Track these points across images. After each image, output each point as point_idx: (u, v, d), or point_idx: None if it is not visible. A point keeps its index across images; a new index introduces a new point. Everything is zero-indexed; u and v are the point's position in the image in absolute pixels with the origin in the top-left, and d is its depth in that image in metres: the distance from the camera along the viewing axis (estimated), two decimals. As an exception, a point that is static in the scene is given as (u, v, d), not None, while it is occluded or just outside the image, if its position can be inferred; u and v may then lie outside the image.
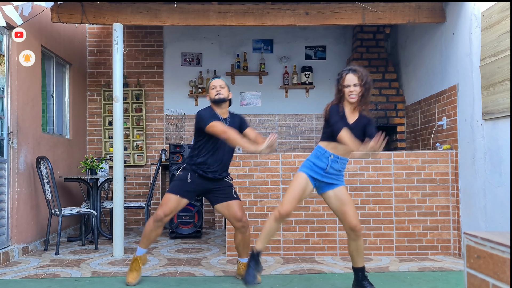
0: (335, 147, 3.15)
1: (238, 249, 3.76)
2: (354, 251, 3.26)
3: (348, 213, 3.17)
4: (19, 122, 4.72)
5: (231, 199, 3.63)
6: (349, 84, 3.15)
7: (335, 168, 3.17)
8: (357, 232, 3.17)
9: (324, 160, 3.17)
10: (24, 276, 3.90)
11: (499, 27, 3.73)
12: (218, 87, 3.64)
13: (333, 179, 3.20)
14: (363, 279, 3.28)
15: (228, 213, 3.64)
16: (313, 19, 4.84)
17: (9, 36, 4.66)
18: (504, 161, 3.71)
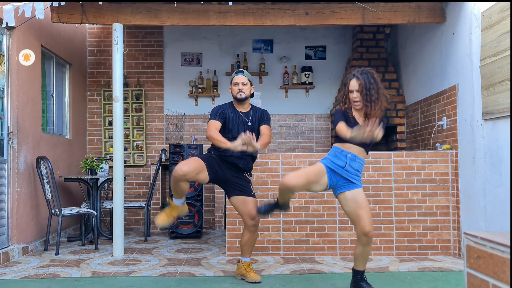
0: (350, 147, 3.12)
1: (243, 247, 3.72)
2: (360, 255, 3.20)
3: (363, 217, 3.08)
4: (19, 122, 4.72)
5: (249, 195, 3.62)
6: (352, 90, 3.13)
7: (353, 167, 3.12)
8: (370, 238, 3.09)
9: (343, 158, 3.12)
10: (24, 276, 3.90)
11: (499, 27, 3.73)
12: (240, 85, 3.63)
13: (352, 178, 3.12)
14: (361, 281, 3.27)
15: (243, 208, 3.60)
16: (313, 19, 4.84)
17: (9, 36, 4.66)
18: (504, 161, 3.71)
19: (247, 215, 3.60)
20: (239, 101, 3.66)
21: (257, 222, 3.62)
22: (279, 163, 4.66)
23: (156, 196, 6.64)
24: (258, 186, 4.64)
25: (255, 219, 3.59)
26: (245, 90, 3.63)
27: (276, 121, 7.04)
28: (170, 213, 3.61)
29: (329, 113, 7.02)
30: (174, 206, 3.62)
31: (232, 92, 3.68)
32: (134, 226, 6.78)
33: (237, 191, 3.63)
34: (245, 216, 3.62)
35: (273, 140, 7.02)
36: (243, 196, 3.61)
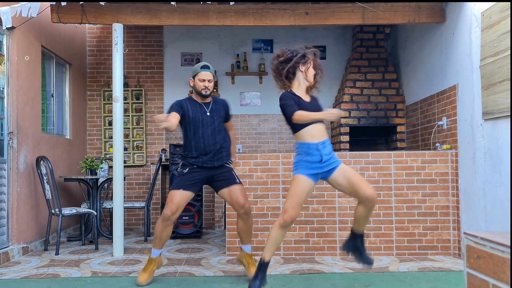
0: (313, 135, 3.14)
1: (241, 235, 3.74)
2: (363, 217, 3.17)
3: (360, 185, 3.09)
4: (19, 122, 4.72)
5: (233, 183, 3.62)
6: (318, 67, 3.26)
7: (327, 152, 3.15)
8: (374, 201, 3.09)
9: (316, 153, 3.12)
10: (24, 276, 3.90)
11: (499, 27, 3.74)
12: (207, 82, 3.64)
13: (331, 163, 3.16)
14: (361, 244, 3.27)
15: (231, 199, 3.63)
16: (313, 19, 4.84)
17: (9, 36, 4.66)
18: (504, 161, 3.71)
19: (236, 204, 3.61)
20: (203, 97, 3.67)
21: (247, 209, 3.61)
22: (279, 163, 4.66)
23: (156, 196, 6.64)
24: (258, 186, 4.64)
25: (245, 206, 3.58)
26: (210, 87, 3.65)
27: (276, 121, 7.04)
28: (149, 267, 3.65)
29: (329, 113, 7.02)
30: (152, 260, 3.67)
31: (196, 87, 3.65)
32: (134, 226, 6.78)
33: (222, 184, 3.65)
34: (234, 205, 3.64)
35: (273, 140, 7.03)
36: (227, 187, 3.63)
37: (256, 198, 4.63)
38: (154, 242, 3.67)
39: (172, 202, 3.54)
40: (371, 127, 6.19)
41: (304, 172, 3.14)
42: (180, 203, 3.56)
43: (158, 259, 3.70)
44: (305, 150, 3.14)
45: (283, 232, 3.19)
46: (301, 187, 3.13)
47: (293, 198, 3.14)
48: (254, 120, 7.03)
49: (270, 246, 3.19)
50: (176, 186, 3.60)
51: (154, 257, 3.68)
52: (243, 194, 3.62)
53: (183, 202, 3.57)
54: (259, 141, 7.04)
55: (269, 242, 3.19)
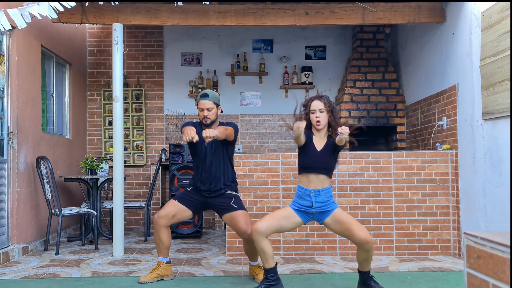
0: (311, 180, 3.18)
1: (247, 254, 3.74)
2: (364, 260, 3.22)
3: (353, 230, 3.12)
4: (19, 122, 4.72)
5: (232, 210, 3.57)
6: (315, 110, 3.22)
7: (320, 201, 3.18)
8: (370, 244, 3.11)
9: (307, 198, 3.18)
10: (24, 276, 3.90)
11: (499, 27, 3.73)
12: (205, 111, 3.58)
13: (324, 209, 3.19)
14: (369, 279, 3.29)
15: (232, 225, 3.60)
16: (313, 19, 4.84)
17: (9, 36, 4.66)
18: (504, 161, 3.71)
19: (237, 230, 3.60)
20: (206, 126, 3.64)
21: (249, 236, 3.53)
22: (279, 163, 4.66)
23: (156, 196, 6.64)
24: (258, 186, 4.64)
25: (246, 232, 3.51)
26: (210, 116, 3.58)
27: (276, 121, 7.04)
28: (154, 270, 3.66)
29: (329, 113, 7.01)
30: (158, 263, 3.70)
31: (199, 116, 3.65)
32: (134, 226, 6.78)
33: (223, 210, 3.63)
34: (236, 231, 3.63)
35: (273, 140, 7.03)
36: (228, 213, 3.59)
37: (256, 198, 4.63)
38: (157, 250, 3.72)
39: (163, 208, 3.64)
40: (371, 127, 6.19)
41: (293, 206, 3.24)
42: (170, 212, 3.59)
43: (164, 265, 3.69)
44: (299, 194, 3.22)
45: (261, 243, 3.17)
46: (284, 213, 3.22)
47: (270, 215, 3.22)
48: (254, 120, 7.03)
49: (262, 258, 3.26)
50: (175, 197, 3.72)
51: (159, 260, 3.70)
52: (243, 221, 3.53)
53: (174, 211, 3.59)
54: (259, 141, 7.04)
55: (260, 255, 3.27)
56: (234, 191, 3.67)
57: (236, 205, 3.58)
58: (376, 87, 6.23)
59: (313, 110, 3.23)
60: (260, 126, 7.05)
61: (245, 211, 3.60)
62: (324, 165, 3.18)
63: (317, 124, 3.21)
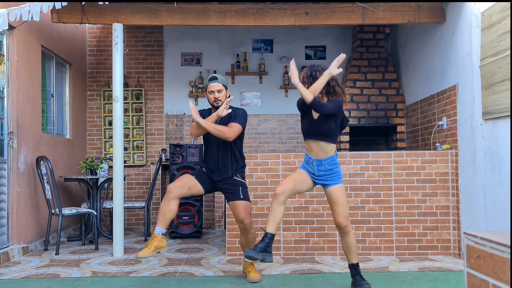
0: (314, 148, 3.29)
1: (243, 247, 3.77)
2: (345, 248, 3.35)
3: (335, 211, 3.28)
4: (19, 122, 4.72)
5: (237, 199, 3.64)
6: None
7: (323, 170, 3.29)
8: (343, 229, 3.26)
9: (311, 166, 3.32)
10: (24, 276, 3.90)
11: (499, 27, 3.73)
12: (216, 93, 3.64)
13: (326, 180, 3.31)
14: (356, 274, 3.35)
15: (233, 212, 3.68)
16: (313, 19, 4.84)
17: (9, 36, 4.66)
18: (504, 161, 3.71)
19: (236, 219, 3.66)
20: (216, 108, 3.67)
21: (246, 225, 3.60)
22: (279, 163, 4.66)
23: (156, 196, 6.64)
24: (258, 186, 4.64)
25: (244, 222, 3.58)
26: (221, 98, 3.64)
27: (276, 121, 7.04)
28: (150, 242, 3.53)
29: (329, 113, 7.02)
30: (153, 235, 3.56)
31: (209, 100, 3.68)
32: (134, 226, 6.78)
33: (229, 196, 3.70)
34: (235, 219, 3.68)
35: (273, 140, 7.02)
36: (232, 201, 3.66)
37: (256, 198, 4.63)
38: (157, 218, 3.59)
39: (179, 179, 3.63)
40: (371, 127, 6.19)
41: (303, 168, 3.39)
42: (187, 184, 3.58)
43: (159, 237, 3.52)
44: (306, 159, 3.38)
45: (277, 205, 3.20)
46: (298, 172, 3.37)
47: (288, 178, 3.35)
48: (254, 120, 7.03)
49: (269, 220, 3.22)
50: (194, 173, 3.74)
51: (156, 233, 3.57)
52: (244, 210, 3.61)
53: (190, 185, 3.59)
54: (259, 141, 7.04)
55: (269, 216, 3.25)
56: (242, 178, 3.75)
57: (242, 194, 3.67)
58: (376, 87, 6.23)
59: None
60: (260, 126, 7.05)
61: (248, 202, 3.69)
62: (321, 132, 3.26)
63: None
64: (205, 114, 3.73)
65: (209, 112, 3.77)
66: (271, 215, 3.25)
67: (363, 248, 4.60)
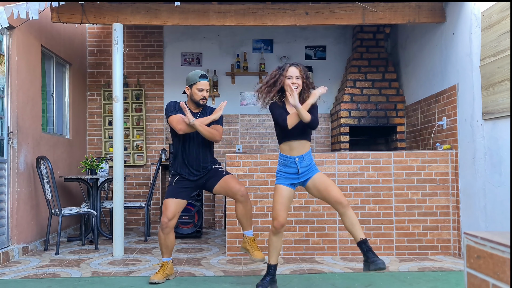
0: (293, 147, 3.28)
1: (241, 221, 3.69)
2: (349, 225, 3.25)
3: (327, 192, 3.24)
4: (19, 122, 4.72)
5: (222, 176, 3.65)
6: (291, 76, 3.26)
7: (305, 166, 3.29)
8: (343, 204, 3.20)
9: (293, 166, 3.28)
10: (24, 276, 3.90)
11: (499, 27, 3.74)
12: (205, 92, 3.63)
13: (307, 174, 3.30)
14: (367, 251, 3.21)
15: (225, 190, 3.64)
16: (313, 19, 4.84)
17: (9, 36, 4.66)
18: (504, 161, 3.71)
19: (231, 192, 3.61)
20: (200, 106, 3.68)
21: (243, 191, 3.57)
22: (279, 163, 4.66)
23: (156, 196, 6.64)
24: (258, 186, 4.64)
25: (241, 189, 3.56)
26: (207, 97, 3.66)
27: (276, 121, 7.03)
28: (161, 271, 3.68)
29: (329, 113, 7.02)
30: (163, 264, 3.71)
31: (195, 97, 3.63)
32: (134, 226, 6.78)
33: (213, 182, 3.68)
34: (230, 194, 3.64)
35: (273, 140, 7.02)
36: (218, 181, 3.65)
37: (256, 198, 4.63)
38: (161, 251, 3.72)
39: (167, 210, 3.59)
40: (371, 127, 6.19)
41: (283, 182, 3.31)
42: (176, 210, 3.61)
43: (170, 265, 3.72)
44: (283, 162, 3.32)
45: (278, 238, 3.37)
46: (282, 195, 3.30)
47: (277, 205, 3.30)
48: (254, 120, 7.03)
49: (271, 252, 3.40)
50: (168, 195, 3.66)
51: (165, 261, 3.71)
52: (235, 181, 3.62)
53: (178, 209, 3.62)
54: (259, 141, 7.04)
55: (269, 249, 3.40)
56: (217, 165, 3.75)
57: (224, 171, 3.68)
58: (376, 87, 6.23)
59: (289, 76, 3.26)
60: (260, 126, 7.05)
61: (233, 175, 3.71)
62: (303, 131, 3.26)
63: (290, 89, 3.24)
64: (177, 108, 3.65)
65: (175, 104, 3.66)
66: (272, 248, 3.35)
67: (363, 248, 4.59)
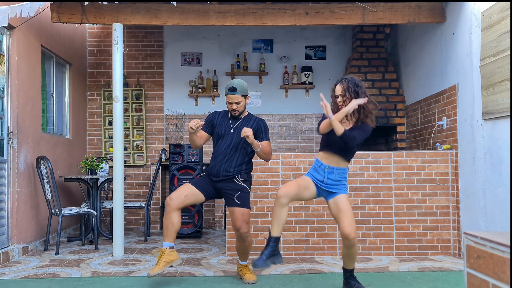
0: (329, 157, 3.24)
1: (238, 253, 3.77)
2: (346, 256, 3.29)
3: (342, 220, 3.17)
4: (19, 122, 4.72)
5: (234, 205, 3.60)
6: (337, 95, 3.23)
7: (332, 178, 3.23)
8: (350, 241, 3.15)
9: (321, 173, 3.24)
10: (24, 276, 3.90)
11: (499, 27, 3.73)
12: (234, 105, 3.65)
13: (333, 188, 3.24)
14: (351, 278, 3.34)
15: (231, 218, 3.65)
16: (313, 19, 4.84)
17: (9, 36, 4.66)
18: (504, 161, 3.71)
19: (233, 226, 3.63)
20: (234, 118, 3.75)
21: (242, 233, 3.56)
22: (279, 163, 4.66)
23: (156, 196, 6.64)
24: (258, 186, 4.64)
25: (240, 230, 3.54)
26: (238, 108, 3.67)
27: (276, 121, 7.04)
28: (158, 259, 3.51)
29: (329, 113, 7.01)
30: (162, 251, 3.54)
31: (227, 107, 3.73)
32: (134, 226, 6.78)
33: (227, 202, 3.68)
34: (232, 226, 3.65)
35: (273, 140, 7.02)
36: (231, 207, 3.63)
37: (256, 198, 4.63)
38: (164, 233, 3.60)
39: (176, 190, 3.61)
40: (371, 127, 6.18)
41: (310, 177, 3.29)
42: (184, 193, 3.57)
43: (168, 251, 3.53)
44: (315, 166, 3.30)
45: (280, 208, 3.19)
46: (306, 183, 3.25)
47: (292, 181, 3.30)
48: (254, 120, 7.03)
49: (273, 222, 3.24)
50: (193, 182, 3.72)
51: (163, 247, 3.58)
52: (241, 218, 3.56)
53: (188, 194, 3.57)
54: (259, 141, 7.03)
55: (272, 219, 3.26)
56: (243, 181, 3.68)
57: (239, 200, 3.60)
58: (376, 87, 6.23)
59: (336, 95, 3.24)
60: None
61: (247, 209, 3.61)
62: (341, 147, 3.19)
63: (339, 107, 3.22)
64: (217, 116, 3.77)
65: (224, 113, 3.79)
66: (274, 218, 3.22)
67: (363, 248, 4.60)
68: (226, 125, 3.71)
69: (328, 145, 3.25)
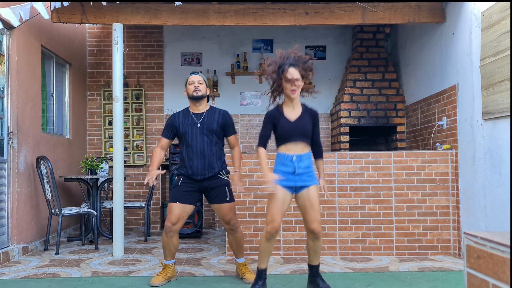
0: (292, 147, 3.19)
1: (232, 249, 3.80)
2: (311, 249, 3.32)
3: (311, 216, 3.19)
4: (19, 122, 4.72)
5: (222, 202, 3.62)
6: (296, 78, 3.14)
7: (303, 166, 3.18)
8: (316, 234, 3.22)
9: (289, 164, 3.17)
10: (24, 276, 3.90)
11: (499, 27, 3.74)
12: (196, 83, 3.66)
13: (305, 180, 3.20)
14: (317, 275, 3.36)
15: (219, 214, 3.67)
16: (313, 19, 4.84)
17: (9, 36, 4.66)
18: (504, 161, 3.71)
19: (222, 220, 3.66)
20: (195, 99, 3.68)
21: (233, 226, 3.63)
22: (279, 163, 4.66)
23: (156, 196, 6.65)
24: (258, 186, 4.64)
25: (230, 223, 3.61)
26: (201, 89, 3.66)
27: (276, 121, 7.03)
28: (163, 273, 3.65)
29: (329, 113, 7.02)
30: (166, 266, 3.68)
31: (188, 92, 3.70)
32: (134, 226, 6.78)
33: (214, 198, 3.65)
34: (221, 221, 3.69)
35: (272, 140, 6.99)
36: (218, 203, 3.63)
37: (256, 198, 4.63)
38: (164, 254, 3.70)
39: (171, 214, 3.58)
40: (371, 127, 6.19)
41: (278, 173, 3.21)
42: (180, 215, 3.57)
43: (173, 268, 3.71)
44: (280, 160, 3.21)
45: (271, 243, 3.25)
46: (278, 198, 3.18)
47: (272, 209, 3.19)
48: (254, 120, 7.03)
49: (262, 258, 3.28)
50: (173, 199, 3.62)
51: (168, 264, 3.69)
52: (231, 211, 3.62)
53: (183, 214, 3.58)
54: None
55: (260, 255, 3.28)
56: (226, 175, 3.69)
57: (229, 196, 3.63)
58: (376, 87, 6.23)
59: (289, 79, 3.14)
60: (260, 126, 7.03)
61: (234, 202, 3.68)
62: (302, 132, 3.18)
63: (292, 93, 3.19)
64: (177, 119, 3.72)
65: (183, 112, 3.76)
66: (263, 253, 3.23)
67: (363, 248, 4.60)
68: (190, 122, 3.66)
69: (288, 137, 3.18)
